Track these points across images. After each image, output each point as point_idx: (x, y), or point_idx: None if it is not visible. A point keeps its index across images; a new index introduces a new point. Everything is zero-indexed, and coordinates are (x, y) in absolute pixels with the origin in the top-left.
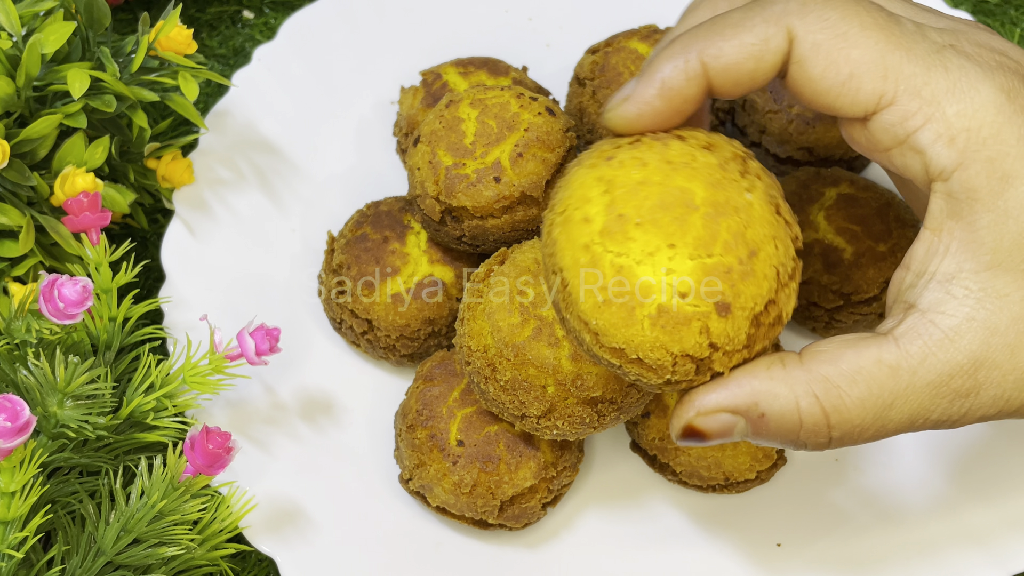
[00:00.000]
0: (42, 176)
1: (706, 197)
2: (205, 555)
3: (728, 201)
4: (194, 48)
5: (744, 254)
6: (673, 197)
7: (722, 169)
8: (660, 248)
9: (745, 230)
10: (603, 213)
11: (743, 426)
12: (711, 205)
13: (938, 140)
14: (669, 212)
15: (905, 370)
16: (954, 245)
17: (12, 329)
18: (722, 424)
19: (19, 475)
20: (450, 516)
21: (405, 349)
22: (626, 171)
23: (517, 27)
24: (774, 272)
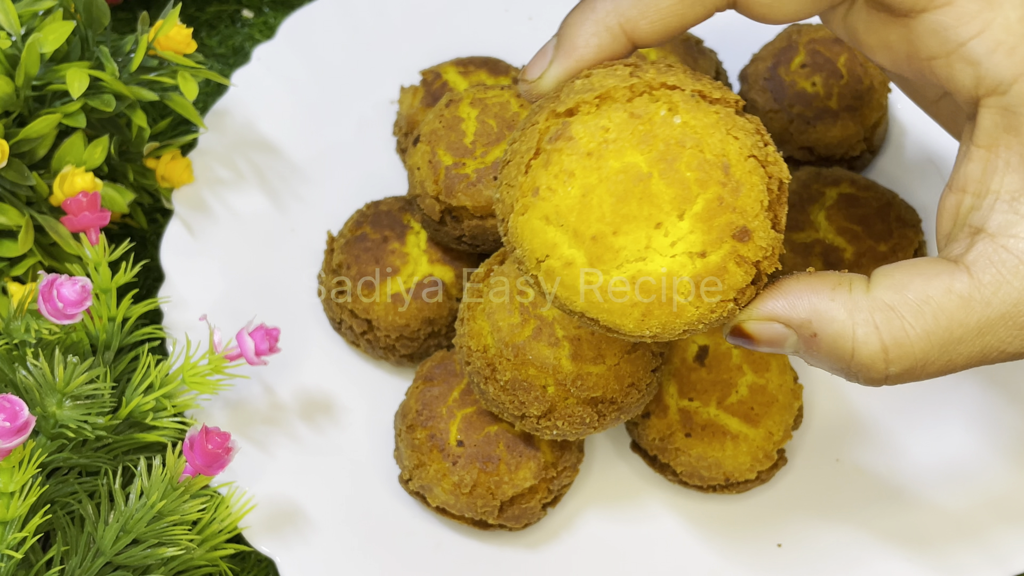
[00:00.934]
0: (41, 176)
1: (647, 157)
2: (204, 555)
3: (667, 143)
4: (193, 47)
5: (720, 176)
6: (622, 185)
7: (635, 118)
8: (651, 235)
9: (702, 154)
10: (577, 246)
11: (794, 341)
12: (657, 160)
13: (997, 50)
14: (630, 199)
15: (978, 301)
16: (1014, 160)
17: (11, 329)
18: (774, 333)
19: (18, 475)
20: (450, 516)
21: (405, 349)
22: (562, 193)
23: (517, 26)
24: (753, 162)
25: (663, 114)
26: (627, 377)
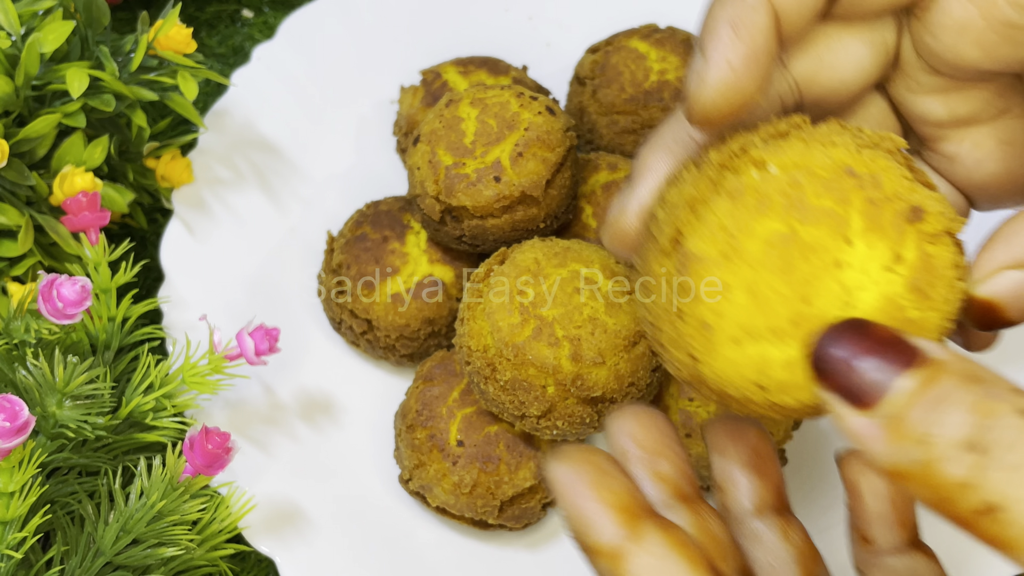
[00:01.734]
0: (41, 176)
1: (777, 217)
2: (204, 555)
3: (779, 193)
4: (193, 47)
5: (850, 181)
6: (776, 257)
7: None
8: (839, 277)
9: (817, 175)
10: (783, 342)
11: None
12: (785, 214)
13: None
14: (794, 263)
15: None
16: None
17: (11, 329)
18: (1017, 285)
19: (18, 475)
20: (450, 516)
21: (405, 349)
22: (728, 305)
23: (517, 26)
24: (865, 149)
25: (754, 174)
26: (627, 377)
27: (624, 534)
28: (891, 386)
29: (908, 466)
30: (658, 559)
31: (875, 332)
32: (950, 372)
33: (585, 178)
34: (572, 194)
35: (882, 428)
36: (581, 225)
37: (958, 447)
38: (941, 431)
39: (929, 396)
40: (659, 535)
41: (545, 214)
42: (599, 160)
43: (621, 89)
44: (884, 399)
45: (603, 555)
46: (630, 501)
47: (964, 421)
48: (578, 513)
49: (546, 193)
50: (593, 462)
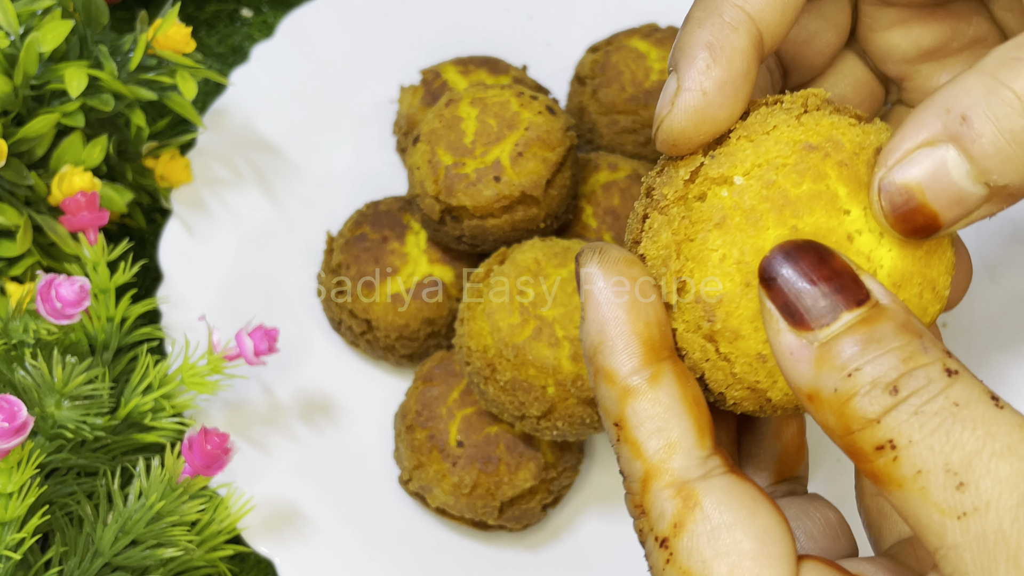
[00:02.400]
0: (40, 175)
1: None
2: (203, 556)
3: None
4: (192, 47)
5: (816, 157)
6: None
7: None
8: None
9: (784, 165)
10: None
11: (955, 156)
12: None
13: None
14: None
15: None
16: None
17: (10, 329)
18: (929, 166)
19: (17, 476)
20: (450, 517)
21: (404, 349)
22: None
23: (517, 25)
24: (818, 117)
25: (723, 193)
26: None
27: (643, 373)
28: (834, 316)
29: (825, 393)
30: (664, 409)
31: (834, 262)
32: (891, 317)
33: (585, 178)
34: (572, 194)
35: (812, 351)
36: (581, 225)
37: (878, 386)
38: (867, 368)
39: (865, 333)
40: (674, 385)
41: (545, 214)
42: (599, 160)
43: (621, 89)
44: (823, 327)
45: (613, 384)
46: (659, 337)
47: (891, 364)
48: (604, 332)
49: (546, 193)
50: (632, 277)
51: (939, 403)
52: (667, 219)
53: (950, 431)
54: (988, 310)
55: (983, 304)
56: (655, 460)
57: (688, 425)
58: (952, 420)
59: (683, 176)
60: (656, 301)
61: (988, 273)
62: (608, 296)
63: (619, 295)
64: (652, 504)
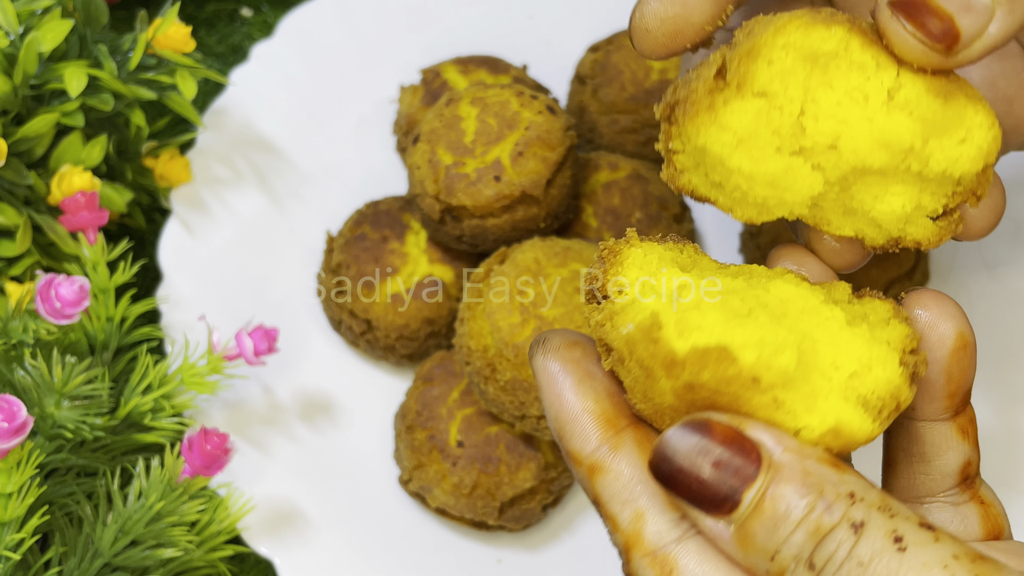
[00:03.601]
0: (39, 175)
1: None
2: (203, 557)
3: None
4: (192, 46)
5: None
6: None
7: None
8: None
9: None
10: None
11: None
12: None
13: None
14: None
15: None
16: None
17: (9, 329)
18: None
19: (16, 476)
20: (450, 518)
21: (404, 349)
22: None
23: (517, 25)
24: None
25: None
26: None
27: (603, 449)
28: (737, 499)
29: (759, 572)
30: (627, 480)
31: (715, 436)
32: (788, 478)
33: (586, 177)
34: (573, 193)
35: (734, 536)
36: (582, 224)
37: (800, 563)
38: (782, 549)
39: (770, 513)
40: (634, 453)
41: (545, 213)
42: (600, 159)
43: (622, 88)
44: (733, 510)
45: (580, 464)
46: (611, 408)
47: (802, 541)
48: (562, 418)
49: (546, 192)
50: (579, 360)
51: (848, 569)
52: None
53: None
54: (988, 310)
55: (983, 304)
56: (629, 531)
57: (653, 491)
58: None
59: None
60: (605, 374)
61: (988, 273)
62: (556, 383)
63: (564, 379)
64: (636, 574)
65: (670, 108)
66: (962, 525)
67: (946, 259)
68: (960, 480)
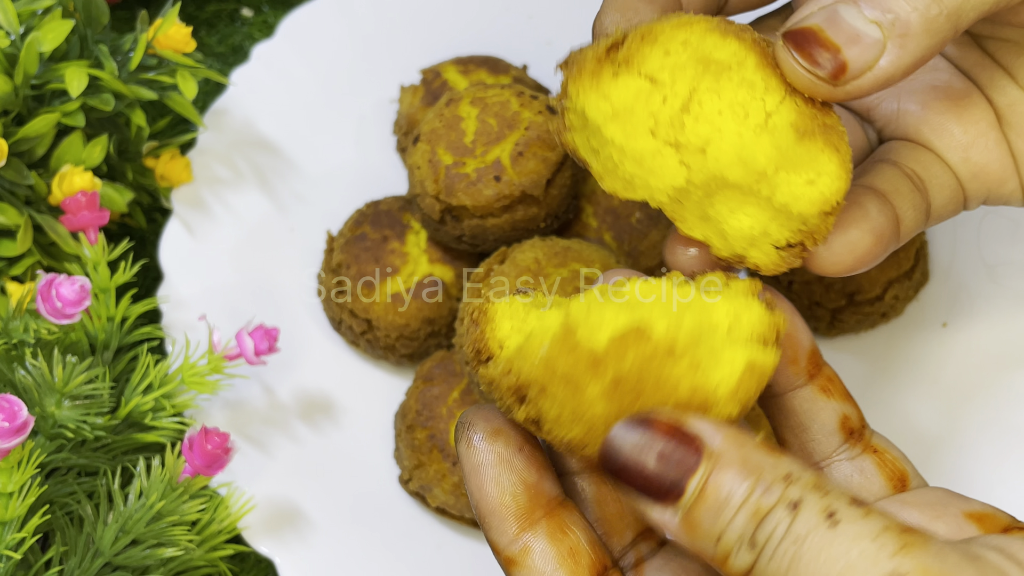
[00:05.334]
0: (40, 175)
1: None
2: (204, 556)
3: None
4: (193, 46)
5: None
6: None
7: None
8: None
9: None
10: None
11: (845, 5)
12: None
13: None
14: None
15: None
16: None
17: (10, 329)
18: (823, 14)
19: (17, 475)
20: (450, 517)
21: (405, 349)
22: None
23: (517, 25)
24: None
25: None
26: None
27: (517, 543)
28: (681, 488)
29: (707, 554)
30: (539, 573)
31: (656, 428)
32: (728, 464)
33: (585, 178)
34: (573, 193)
35: (680, 523)
36: (582, 224)
37: (743, 542)
38: (726, 532)
39: (712, 499)
40: (547, 547)
41: (545, 213)
42: None
43: None
44: (679, 498)
45: (499, 555)
46: (526, 501)
47: (743, 522)
48: (481, 509)
49: (547, 192)
50: (500, 452)
51: (785, 544)
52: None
53: (798, 570)
54: (989, 310)
55: (983, 304)
56: None
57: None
58: (797, 560)
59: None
60: (525, 459)
61: (988, 273)
62: (478, 475)
63: (485, 472)
64: None
65: (566, 64)
66: (863, 477)
67: (946, 259)
68: (846, 436)
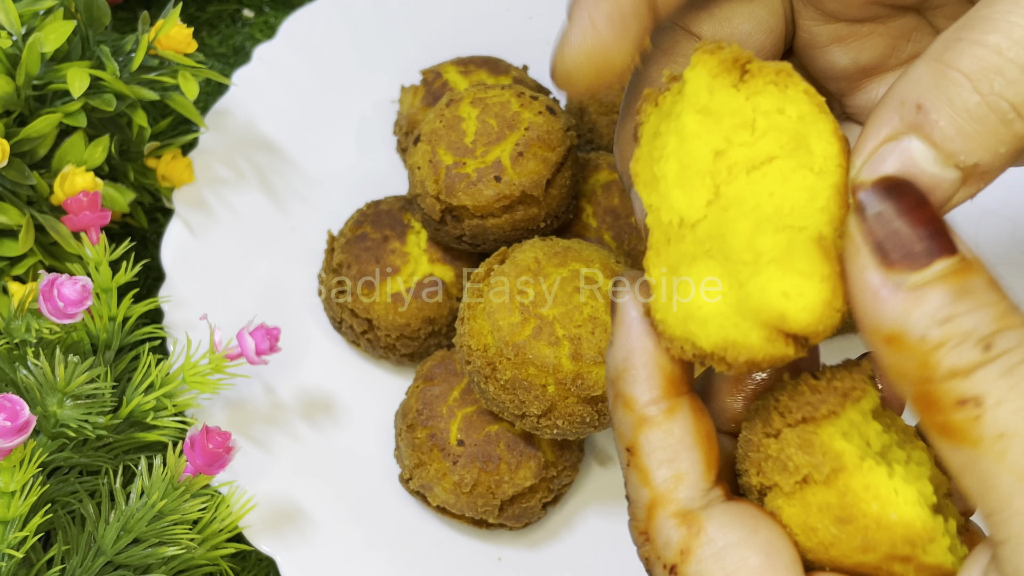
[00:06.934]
0: (42, 175)
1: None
2: (205, 555)
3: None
4: (194, 47)
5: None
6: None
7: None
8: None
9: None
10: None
11: (919, 145)
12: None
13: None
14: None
15: None
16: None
17: (12, 328)
18: (897, 159)
19: (19, 475)
20: (450, 516)
21: (405, 349)
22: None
23: (518, 25)
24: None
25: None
26: None
27: (661, 404)
28: (928, 261)
29: (910, 337)
30: (676, 441)
31: (929, 208)
32: (981, 273)
33: (585, 178)
34: (572, 194)
35: (903, 293)
36: (581, 225)
37: (970, 338)
38: (961, 319)
39: (959, 284)
40: (688, 419)
41: (545, 213)
42: (599, 160)
43: (622, 88)
44: (916, 270)
45: (631, 411)
46: (680, 373)
47: (985, 319)
48: (630, 360)
49: (546, 193)
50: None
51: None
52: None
53: None
54: None
55: None
56: (662, 489)
57: (697, 459)
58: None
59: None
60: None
61: None
62: (639, 327)
63: (645, 327)
64: (658, 531)
65: (706, 47)
66: None
67: None
68: None
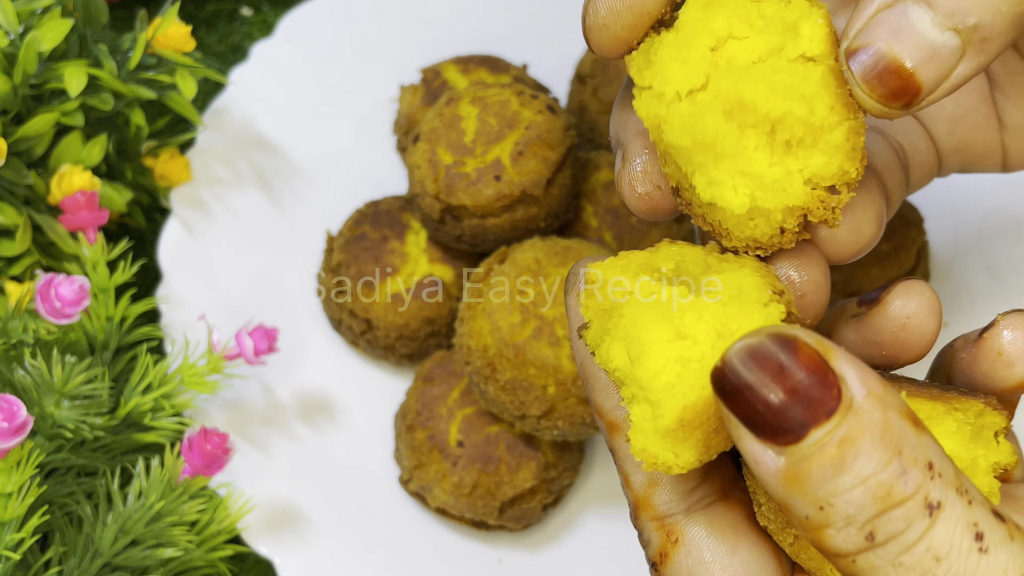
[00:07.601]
0: (39, 174)
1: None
2: (203, 556)
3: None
4: (192, 45)
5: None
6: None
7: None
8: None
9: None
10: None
11: (915, 7)
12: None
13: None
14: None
15: None
16: None
17: (9, 329)
18: (892, 23)
19: (16, 476)
20: (450, 517)
21: (405, 349)
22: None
23: (517, 24)
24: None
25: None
26: None
27: (622, 409)
28: (802, 434)
29: (795, 512)
30: None
31: (799, 358)
32: (865, 428)
33: (586, 177)
34: (573, 193)
35: (783, 468)
36: (582, 224)
37: (852, 524)
38: (836, 501)
39: (836, 456)
40: None
41: (546, 213)
42: (600, 159)
43: None
44: (789, 444)
45: (602, 418)
46: None
47: (864, 501)
48: (586, 369)
49: (547, 192)
50: None
51: (918, 555)
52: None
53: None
54: (989, 310)
55: (984, 304)
56: (640, 493)
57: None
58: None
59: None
60: None
61: (989, 273)
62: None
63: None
64: (641, 530)
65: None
66: None
67: (947, 259)
68: None
